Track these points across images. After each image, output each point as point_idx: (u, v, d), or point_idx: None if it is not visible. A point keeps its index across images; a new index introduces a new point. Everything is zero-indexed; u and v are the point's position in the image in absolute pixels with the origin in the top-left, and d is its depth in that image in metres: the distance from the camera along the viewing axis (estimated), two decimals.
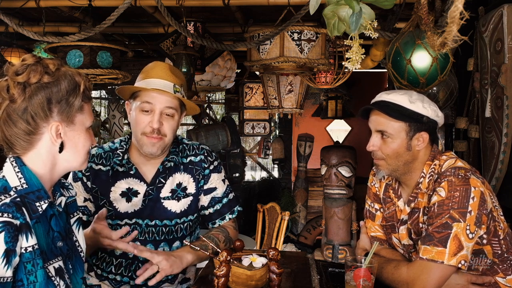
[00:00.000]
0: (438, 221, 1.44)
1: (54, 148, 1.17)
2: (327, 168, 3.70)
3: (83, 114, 1.20)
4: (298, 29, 2.73)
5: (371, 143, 1.60)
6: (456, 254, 1.41)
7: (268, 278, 1.48)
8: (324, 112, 5.90)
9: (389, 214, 1.71)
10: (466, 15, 0.91)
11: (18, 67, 1.13)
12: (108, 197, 1.71)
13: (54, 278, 1.13)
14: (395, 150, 1.56)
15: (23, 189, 1.11)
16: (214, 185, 1.81)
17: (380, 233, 1.75)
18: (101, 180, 1.72)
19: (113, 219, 1.71)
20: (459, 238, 1.41)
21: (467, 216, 1.42)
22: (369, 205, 1.81)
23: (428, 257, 1.43)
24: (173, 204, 1.73)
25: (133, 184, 1.72)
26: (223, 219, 1.84)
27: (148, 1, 3.10)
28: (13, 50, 3.91)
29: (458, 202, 1.43)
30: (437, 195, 1.48)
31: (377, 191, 1.78)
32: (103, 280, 1.75)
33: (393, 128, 1.55)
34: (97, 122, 5.36)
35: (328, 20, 1.06)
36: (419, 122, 1.54)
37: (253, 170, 7.92)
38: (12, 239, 1.02)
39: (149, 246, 1.71)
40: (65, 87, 1.15)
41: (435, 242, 1.43)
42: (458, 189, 1.44)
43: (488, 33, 2.53)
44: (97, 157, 1.75)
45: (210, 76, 4.03)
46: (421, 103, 1.54)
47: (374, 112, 1.60)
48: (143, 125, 1.64)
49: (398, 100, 1.55)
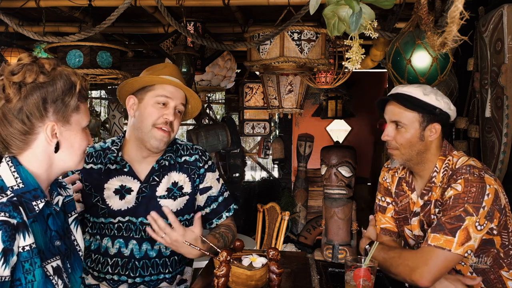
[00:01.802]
0: (451, 213, 1.50)
1: (50, 148, 1.16)
2: (327, 168, 3.70)
3: (79, 114, 1.20)
4: (298, 29, 2.73)
5: (385, 133, 1.67)
6: (464, 244, 1.46)
7: (268, 278, 1.48)
8: (324, 112, 5.90)
9: (402, 207, 1.76)
10: (466, 15, 0.91)
11: (14, 66, 1.12)
12: (101, 194, 1.71)
13: (52, 277, 1.13)
14: (409, 140, 1.62)
15: (20, 188, 1.11)
16: (210, 184, 1.82)
17: (390, 225, 1.80)
18: (93, 178, 1.72)
19: (106, 217, 1.71)
20: (468, 230, 1.47)
21: (480, 211, 1.48)
22: (379, 199, 1.86)
23: (436, 244, 1.48)
24: (169, 203, 1.74)
25: (126, 181, 1.72)
26: (220, 218, 1.84)
27: (148, 1, 3.10)
28: (13, 50, 3.91)
29: (473, 197, 1.49)
30: (453, 189, 1.53)
31: (389, 186, 1.83)
32: (101, 281, 1.74)
33: (407, 118, 1.61)
34: (97, 122, 5.36)
35: (328, 20, 1.06)
36: (432, 114, 1.61)
37: (253, 170, 7.92)
38: (10, 238, 1.02)
39: (145, 244, 1.72)
40: (60, 86, 1.14)
41: (445, 231, 1.48)
42: (475, 185, 1.50)
43: (488, 33, 2.53)
44: (88, 156, 1.75)
45: (210, 76, 4.03)
46: (434, 96, 1.61)
47: (390, 104, 1.67)
48: (155, 117, 1.65)
49: (413, 92, 1.62)
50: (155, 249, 1.73)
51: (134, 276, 1.71)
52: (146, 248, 1.72)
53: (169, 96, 1.66)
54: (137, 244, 1.71)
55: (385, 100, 1.69)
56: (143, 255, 1.72)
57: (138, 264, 1.71)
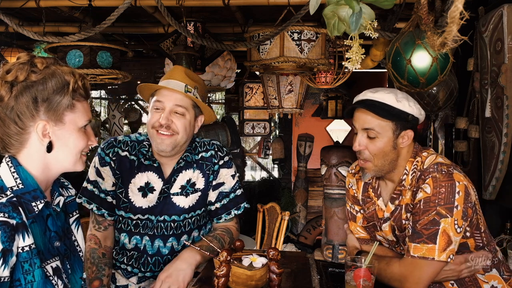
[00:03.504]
0: (425, 218, 1.46)
1: (43, 148, 1.15)
2: (327, 168, 3.71)
3: (75, 113, 1.17)
4: (298, 29, 2.73)
5: (357, 143, 1.60)
6: (446, 249, 1.43)
7: (268, 278, 1.48)
8: (324, 112, 5.90)
9: (369, 214, 1.72)
10: (466, 15, 0.91)
11: (10, 66, 1.12)
12: (126, 188, 1.75)
13: (52, 277, 1.12)
14: (382, 149, 1.56)
15: (19, 189, 1.11)
16: (223, 180, 1.84)
17: (363, 234, 1.76)
18: (125, 167, 1.76)
19: (126, 211, 1.75)
20: (448, 233, 1.43)
21: (454, 211, 1.44)
22: (350, 206, 1.81)
23: (419, 254, 1.45)
24: (181, 200, 1.77)
25: (152, 178, 1.76)
26: (229, 214, 1.85)
27: (148, 1, 3.10)
28: (13, 50, 3.92)
29: (444, 198, 1.45)
30: (423, 191, 1.49)
31: (355, 193, 1.78)
32: (116, 269, 1.82)
33: (381, 127, 1.55)
34: (97, 122, 5.36)
35: (328, 20, 1.06)
36: (405, 121, 1.55)
37: (253, 170, 7.91)
38: (9, 238, 1.02)
39: (157, 241, 1.76)
40: (52, 85, 1.12)
41: (424, 239, 1.45)
42: (444, 184, 1.46)
43: (488, 33, 2.53)
44: (124, 144, 1.79)
45: (210, 76, 4.03)
46: (406, 102, 1.55)
47: (360, 110, 1.60)
48: (152, 121, 1.71)
49: (385, 99, 1.55)
50: (168, 246, 1.77)
51: (145, 270, 1.77)
52: (158, 245, 1.76)
53: (161, 100, 1.70)
54: (150, 240, 1.76)
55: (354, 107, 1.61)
56: (155, 251, 1.76)
57: (150, 260, 1.77)
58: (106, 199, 1.75)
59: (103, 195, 1.74)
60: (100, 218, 1.75)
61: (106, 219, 1.76)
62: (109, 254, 1.75)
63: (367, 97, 1.59)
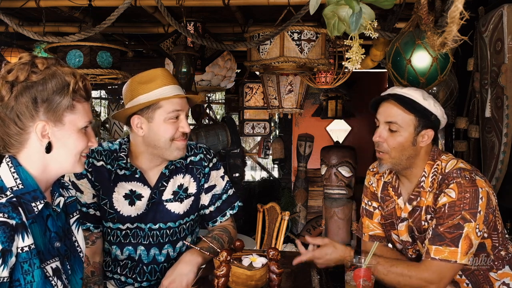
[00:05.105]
0: (449, 222, 1.48)
1: (43, 148, 1.14)
2: (327, 168, 3.70)
3: (75, 114, 1.16)
4: (298, 29, 2.73)
5: (378, 134, 1.62)
6: (467, 253, 1.47)
7: (268, 278, 1.48)
8: (324, 112, 5.90)
9: (388, 212, 1.73)
10: (466, 15, 0.91)
11: (11, 66, 1.12)
12: (110, 198, 1.68)
13: (51, 278, 1.12)
14: (401, 143, 1.58)
15: (19, 189, 1.10)
16: (214, 183, 1.81)
17: (379, 231, 1.78)
18: (104, 177, 1.68)
19: (114, 222, 1.68)
20: (470, 237, 1.46)
21: (477, 216, 1.47)
22: (365, 203, 1.82)
23: (441, 257, 1.47)
24: (176, 206, 1.73)
25: (137, 187, 1.69)
26: (224, 216, 1.83)
27: (148, 1, 3.10)
28: (13, 50, 3.92)
29: (469, 203, 1.48)
30: (447, 196, 1.51)
31: (375, 190, 1.79)
32: (109, 279, 1.75)
33: (404, 120, 1.57)
34: (97, 122, 5.35)
35: (328, 20, 1.06)
36: (428, 119, 1.58)
37: (253, 170, 7.91)
38: (8, 239, 1.01)
39: (153, 249, 1.71)
40: (51, 86, 1.12)
41: (447, 242, 1.47)
42: (468, 190, 1.49)
43: (488, 33, 2.53)
44: (97, 153, 1.69)
45: (210, 76, 4.03)
46: (432, 101, 1.59)
47: (385, 104, 1.62)
48: (172, 132, 1.62)
49: (412, 95, 1.58)
50: (163, 253, 1.72)
51: (142, 280, 1.72)
52: (154, 253, 1.72)
53: (179, 108, 1.63)
54: (145, 249, 1.71)
55: (381, 99, 1.64)
56: (151, 260, 1.71)
57: (146, 269, 1.71)
58: (89, 212, 1.67)
59: (84, 209, 1.65)
60: (86, 233, 1.64)
61: (93, 233, 1.68)
62: (99, 270, 1.67)
63: (395, 91, 1.62)
